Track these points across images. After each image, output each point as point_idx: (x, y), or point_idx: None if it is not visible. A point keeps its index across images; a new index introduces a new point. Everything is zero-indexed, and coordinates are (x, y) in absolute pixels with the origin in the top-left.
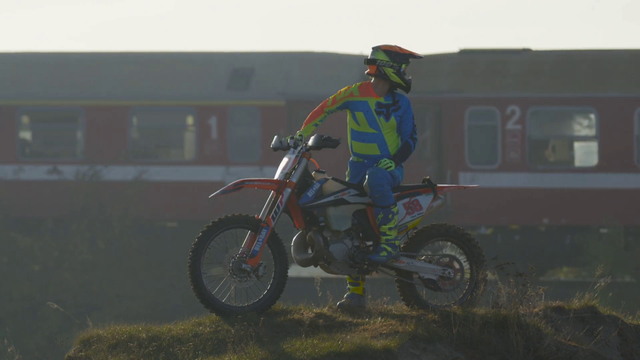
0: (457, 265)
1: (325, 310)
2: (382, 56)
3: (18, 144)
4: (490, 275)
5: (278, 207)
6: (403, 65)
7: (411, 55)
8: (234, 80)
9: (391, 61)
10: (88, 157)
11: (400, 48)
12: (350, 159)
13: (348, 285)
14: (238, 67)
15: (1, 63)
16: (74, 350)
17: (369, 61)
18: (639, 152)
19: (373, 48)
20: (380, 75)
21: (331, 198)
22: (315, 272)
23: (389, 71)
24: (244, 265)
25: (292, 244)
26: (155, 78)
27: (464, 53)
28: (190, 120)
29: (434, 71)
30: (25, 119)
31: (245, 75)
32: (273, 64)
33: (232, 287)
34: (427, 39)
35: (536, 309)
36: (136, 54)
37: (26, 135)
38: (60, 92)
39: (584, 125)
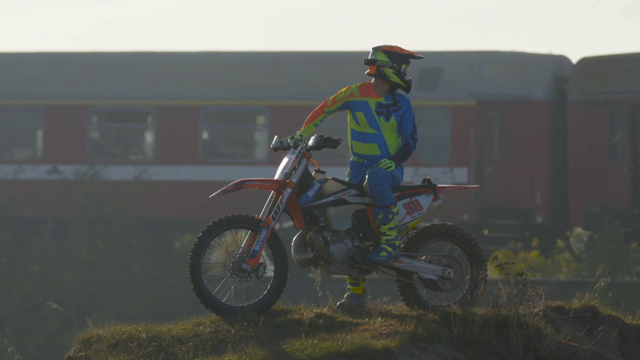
0: (457, 265)
1: (325, 310)
2: (382, 57)
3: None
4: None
5: (278, 207)
6: (403, 66)
7: (411, 55)
8: (422, 80)
9: (391, 62)
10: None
11: (400, 48)
12: (351, 159)
13: (348, 286)
14: (426, 67)
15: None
16: (74, 350)
17: (369, 61)
18: None
19: (373, 48)
20: (380, 75)
21: (331, 198)
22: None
23: (389, 72)
24: (244, 265)
25: (292, 244)
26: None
27: None
28: None
29: (629, 71)
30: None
31: (434, 75)
32: (462, 64)
33: (232, 287)
34: (427, 39)
35: (536, 309)
36: (317, 53)
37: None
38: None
39: None
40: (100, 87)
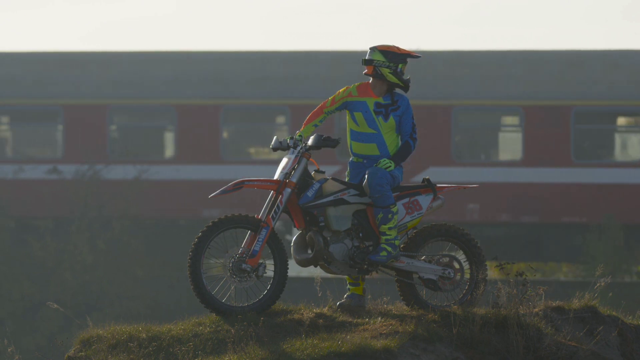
0: (457, 265)
1: (325, 310)
2: (378, 57)
3: None
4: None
5: (278, 207)
6: (400, 65)
7: (409, 55)
8: None
9: (388, 61)
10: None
11: (398, 48)
12: (350, 159)
13: (348, 286)
14: None
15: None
16: (74, 350)
17: (366, 62)
18: None
19: (370, 48)
20: (377, 75)
21: (331, 198)
22: (315, 272)
23: (385, 71)
24: (244, 265)
25: (292, 244)
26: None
27: None
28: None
29: None
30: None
31: None
32: None
33: (232, 287)
34: (427, 39)
35: (536, 309)
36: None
37: None
38: None
39: None
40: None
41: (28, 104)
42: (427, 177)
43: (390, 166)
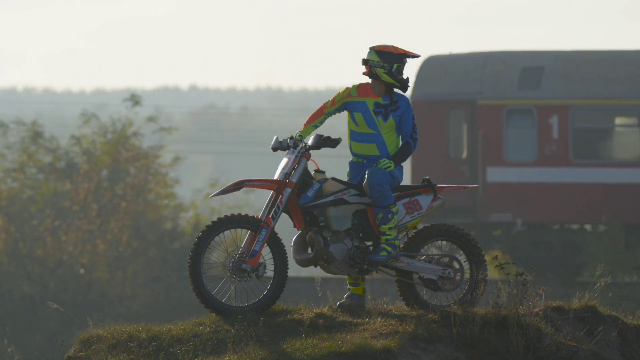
0: (457, 265)
1: (325, 310)
2: (373, 57)
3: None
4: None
5: (278, 207)
6: (395, 65)
7: (406, 55)
8: None
9: (382, 62)
10: None
11: (395, 48)
12: (350, 159)
13: (348, 286)
14: None
15: None
16: (74, 350)
17: (363, 62)
18: None
19: (369, 48)
20: (372, 75)
21: (331, 198)
22: (315, 272)
23: (380, 71)
24: (244, 265)
25: (292, 244)
26: None
27: None
28: None
29: None
30: None
31: None
32: None
33: (232, 287)
34: (427, 39)
35: (536, 309)
36: None
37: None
38: None
39: None
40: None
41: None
42: (427, 177)
43: (390, 166)
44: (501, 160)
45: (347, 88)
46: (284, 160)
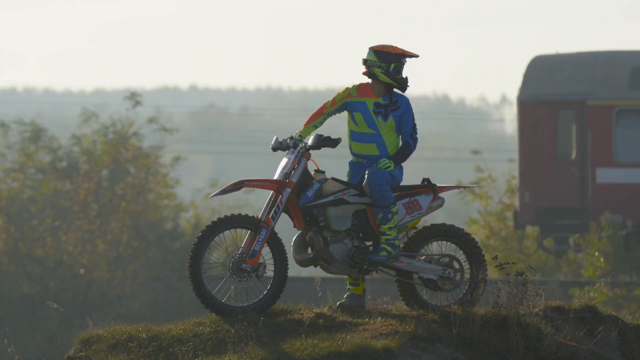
0: (457, 265)
1: (325, 310)
2: (371, 57)
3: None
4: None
5: (278, 207)
6: (392, 65)
7: (403, 54)
8: None
9: (379, 61)
10: None
11: (393, 48)
12: (350, 159)
13: (348, 286)
14: None
15: None
16: (74, 350)
17: (363, 62)
18: None
19: (369, 48)
20: (370, 75)
21: (331, 198)
22: (315, 272)
23: (377, 71)
24: (244, 265)
25: (292, 244)
26: None
27: None
28: None
29: None
30: None
31: None
32: None
33: (232, 287)
34: (427, 39)
35: (536, 309)
36: None
37: None
38: None
39: None
40: None
41: None
42: (427, 177)
43: (390, 166)
44: (611, 161)
45: (347, 88)
46: (284, 160)
